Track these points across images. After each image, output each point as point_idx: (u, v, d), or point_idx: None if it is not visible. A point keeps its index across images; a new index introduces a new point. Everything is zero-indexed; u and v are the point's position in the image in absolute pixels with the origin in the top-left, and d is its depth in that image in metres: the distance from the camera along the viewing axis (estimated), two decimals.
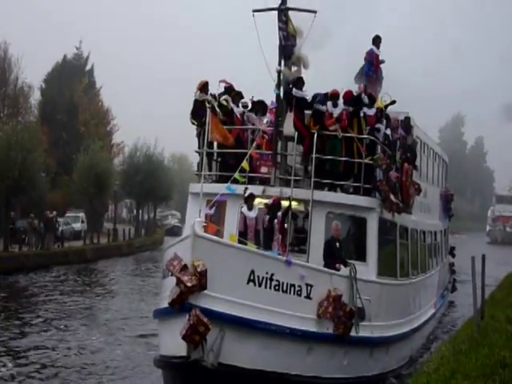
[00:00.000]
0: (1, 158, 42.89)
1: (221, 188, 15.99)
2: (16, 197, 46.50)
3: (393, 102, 18.55)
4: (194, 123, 17.26)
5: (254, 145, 16.63)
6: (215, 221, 17.12)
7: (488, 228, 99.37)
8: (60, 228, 52.85)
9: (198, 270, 12.14)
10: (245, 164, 15.54)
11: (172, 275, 12.47)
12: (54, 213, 50.42)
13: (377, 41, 19.57)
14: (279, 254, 14.62)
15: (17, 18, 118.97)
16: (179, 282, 12.16)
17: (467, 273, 30.71)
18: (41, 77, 73.09)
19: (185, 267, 12.26)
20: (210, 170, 18.34)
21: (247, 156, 15.86)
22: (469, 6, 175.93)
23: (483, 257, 16.75)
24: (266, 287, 13.16)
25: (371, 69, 19.56)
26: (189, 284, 12.07)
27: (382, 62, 19.84)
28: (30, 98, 65.54)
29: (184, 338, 11.94)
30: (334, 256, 15.48)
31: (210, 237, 12.83)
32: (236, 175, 15.37)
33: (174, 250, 13.03)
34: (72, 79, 72.38)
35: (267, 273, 13.17)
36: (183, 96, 21.60)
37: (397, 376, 17.71)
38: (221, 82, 18.30)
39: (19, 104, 62.42)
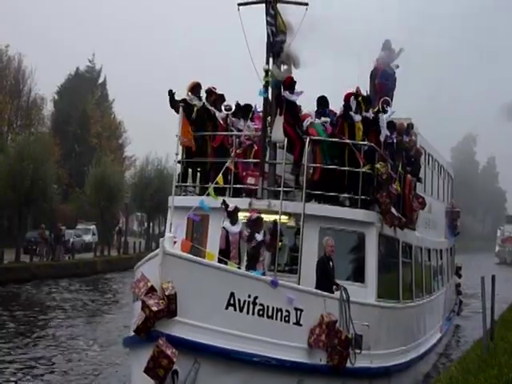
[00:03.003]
0: (13, 169, 43.66)
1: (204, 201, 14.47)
2: (28, 208, 47.06)
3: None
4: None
5: (233, 154, 15.04)
6: (198, 237, 15.56)
7: (497, 248, 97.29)
8: (71, 239, 53.83)
9: (167, 293, 10.50)
10: (220, 179, 13.92)
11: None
12: (64, 227, 51.00)
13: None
14: (263, 274, 12.95)
15: (30, 30, 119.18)
16: (144, 306, 10.51)
17: (475, 293, 29.62)
18: (54, 89, 74.27)
19: (151, 289, 10.62)
20: (194, 181, 16.71)
21: (223, 168, 14.23)
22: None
23: (493, 277, 16.62)
24: (248, 312, 11.45)
25: (388, 78, 18.34)
26: (155, 309, 10.42)
27: (397, 67, 18.66)
28: (42, 109, 67.12)
29: (146, 372, 10.27)
30: (328, 277, 13.75)
31: (182, 254, 11.14)
32: (210, 191, 13.71)
33: (141, 270, 11.40)
34: (84, 91, 73.46)
35: (250, 296, 11.47)
36: None
37: None
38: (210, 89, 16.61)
39: (32, 115, 63.66)
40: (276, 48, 14.63)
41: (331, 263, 13.85)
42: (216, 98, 16.20)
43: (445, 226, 26.42)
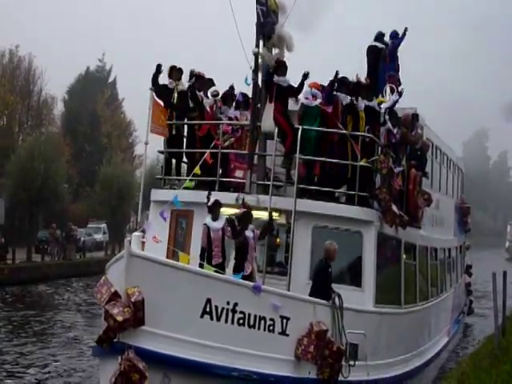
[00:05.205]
0: (24, 169, 44.24)
1: (189, 195, 13.34)
2: (38, 207, 47.52)
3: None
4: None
5: (218, 144, 13.88)
6: (182, 235, 14.38)
7: (507, 244, 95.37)
8: (82, 238, 53.77)
9: (133, 299, 9.32)
10: (196, 170, 12.84)
11: None
12: (75, 227, 51.18)
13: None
14: (251, 275, 11.77)
15: (41, 30, 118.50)
16: (108, 315, 9.34)
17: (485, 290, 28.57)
18: (64, 88, 74.25)
19: (115, 296, 9.46)
20: (178, 173, 15.52)
21: (202, 160, 13.08)
22: None
23: (505, 273, 16.65)
24: (226, 321, 10.30)
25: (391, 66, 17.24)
26: (119, 318, 9.26)
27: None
28: (53, 109, 67.21)
29: None
30: (327, 285, 12.43)
31: (151, 256, 9.91)
32: (187, 183, 12.57)
33: (106, 273, 10.26)
34: (95, 91, 73.43)
35: (228, 302, 10.31)
36: None
37: None
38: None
39: (42, 115, 64.10)
40: (267, 29, 13.41)
41: (330, 270, 12.60)
42: (204, 83, 14.95)
43: (454, 222, 25.07)
